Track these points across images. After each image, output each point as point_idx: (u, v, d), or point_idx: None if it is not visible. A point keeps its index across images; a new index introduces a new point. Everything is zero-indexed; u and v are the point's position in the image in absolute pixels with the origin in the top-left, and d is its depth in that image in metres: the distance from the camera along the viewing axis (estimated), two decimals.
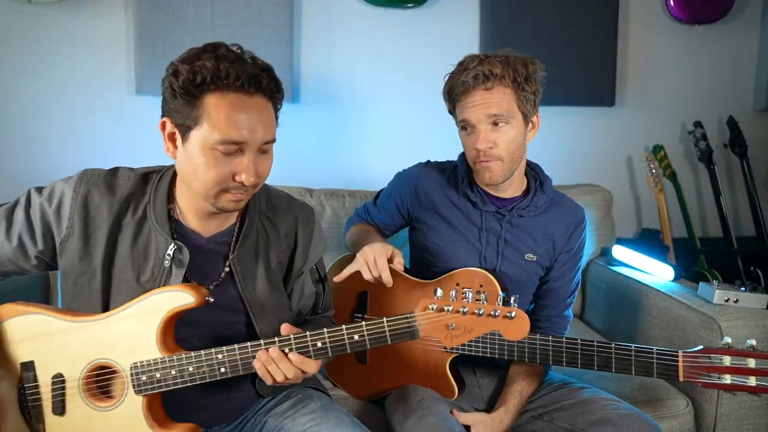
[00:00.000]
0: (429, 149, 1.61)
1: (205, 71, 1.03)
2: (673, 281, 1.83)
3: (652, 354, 1.21)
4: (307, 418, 1.18)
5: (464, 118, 1.35)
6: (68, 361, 1.12)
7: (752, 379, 1.13)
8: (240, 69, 1.03)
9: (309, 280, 1.32)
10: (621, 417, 1.25)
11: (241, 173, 1.06)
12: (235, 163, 1.06)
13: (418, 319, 1.09)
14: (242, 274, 1.19)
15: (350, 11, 2.33)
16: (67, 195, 1.15)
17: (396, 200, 1.55)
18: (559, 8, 2.36)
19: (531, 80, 1.33)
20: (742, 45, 2.55)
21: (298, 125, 2.34)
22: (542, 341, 1.30)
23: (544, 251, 1.45)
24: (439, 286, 1.40)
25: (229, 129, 1.03)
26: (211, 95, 1.03)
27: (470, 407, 1.42)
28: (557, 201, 1.48)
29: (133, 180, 1.18)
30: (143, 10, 2.15)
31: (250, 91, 1.04)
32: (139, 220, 1.16)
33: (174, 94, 1.05)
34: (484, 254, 1.43)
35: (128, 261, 1.14)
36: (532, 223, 1.44)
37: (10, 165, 2.22)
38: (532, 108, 1.36)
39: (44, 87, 2.20)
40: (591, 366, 1.26)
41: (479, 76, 1.30)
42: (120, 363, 1.11)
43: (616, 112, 2.51)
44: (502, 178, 1.37)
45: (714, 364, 1.16)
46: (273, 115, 1.10)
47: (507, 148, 1.34)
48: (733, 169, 2.64)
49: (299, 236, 1.27)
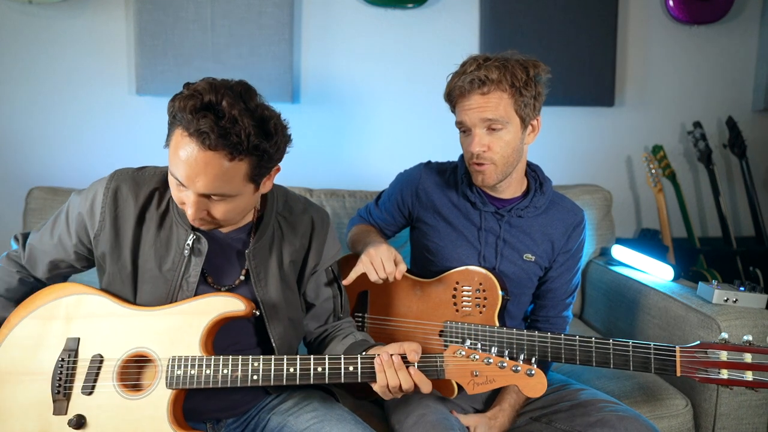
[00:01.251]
0: (429, 149, 1.62)
1: (178, 108, 1.04)
2: (673, 281, 1.83)
3: (649, 349, 1.22)
4: (310, 416, 1.20)
5: (461, 120, 1.37)
6: (111, 344, 1.17)
7: (749, 374, 1.14)
8: (198, 120, 1.01)
9: (324, 280, 1.34)
10: (619, 419, 1.25)
11: (186, 208, 1.10)
12: (183, 195, 1.10)
13: (446, 361, 1.14)
14: (256, 270, 1.23)
15: (350, 11, 2.33)
16: (99, 191, 1.22)
17: (397, 200, 1.56)
18: (559, 8, 2.36)
19: (531, 84, 1.32)
20: (741, 45, 2.56)
21: (298, 125, 2.32)
22: (541, 338, 1.31)
23: (543, 251, 1.46)
24: (439, 284, 1.43)
25: (173, 165, 1.08)
26: (179, 128, 1.05)
27: (469, 407, 1.42)
28: (557, 202, 1.49)
29: (158, 176, 1.24)
30: (143, 10, 2.15)
31: (204, 144, 1.02)
32: (162, 213, 1.22)
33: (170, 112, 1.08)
34: (483, 254, 1.44)
35: (152, 251, 1.21)
36: (531, 224, 1.45)
37: (10, 165, 2.22)
38: (531, 112, 1.35)
39: (44, 87, 2.21)
40: (590, 362, 1.27)
41: (475, 81, 1.31)
42: (159, 354, 1.15)
43: (616, 112, 2.51)
44: (495, 181, 1.39)
45: (711, 359, 1.17)
46: (234, 171, 1.06)
47: (501, 152, 1.34)
48: (732, 169, 2.64)
49: (314, 237, 1.30)
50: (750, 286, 1.60)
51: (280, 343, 1.24)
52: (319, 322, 1.36)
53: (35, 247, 1.27)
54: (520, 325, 1.51)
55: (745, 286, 1.60)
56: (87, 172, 2.22)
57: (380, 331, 1.48)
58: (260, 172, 1.11)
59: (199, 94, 1.03)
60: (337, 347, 1.28)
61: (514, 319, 1.49)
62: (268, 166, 1.12)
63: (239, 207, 1.13)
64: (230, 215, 1.13)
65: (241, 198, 1.12)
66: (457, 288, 1.41)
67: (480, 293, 1.38)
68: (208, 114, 1.01)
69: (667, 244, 2.41)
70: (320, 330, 1.36)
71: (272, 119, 1.08)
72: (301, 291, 1.32)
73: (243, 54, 2.20)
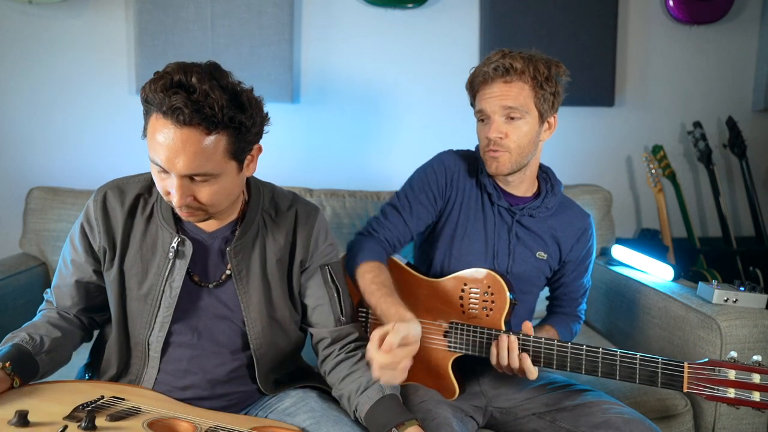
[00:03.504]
0: (429, 149, 1.61)
1: (149, 90, 1.03)
2: (673, 281, 1.83)
3: (657, 363, 1.20)
4: (307, 416, 1.19)
5: (481, 108, 1.39)
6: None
7: (756, 394, 1.13)
8: (170, 98, 1.00)
9: (319, 280, 1.29)
10: (624, 422, 1.25)
11: (171, 198, 1.09)
12: (167, 183, 1.09)
13: None
14: (238, 267, 1.22)
15: (350, 11, 2.33)
16: (90, 205, 1.23)
17: (432, 192, 1.47)
18: (559, 8, 2.36)
19: (552, 81, 1.36)
20: (741, 45, 2.56)
21: (298, 125, 2.35)
22: (547, 346, 1.29)
23: (553, 252, 1.49)
24: (447, 284, 1.41)
25: (152, 151, 1.06)
26: (154, 113, 1.05)
27: (470, 407, 1.42)
28: (566, 205, 1.52)
29: (142, 182, 1.25)
30: (143, 10, 2.15)
31: (179, 121, 1.01)
32: (147, 217, 1.22)
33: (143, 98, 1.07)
34: (496, 248, 1.45)
35: (138, 256, 1.21)
36: (541, 225, 1.47)
37: (10, 165, 2.22)
38: (549, 108, 1.39)
39: (44, 87, 2.21)
40: (595, 372, 1.25)
41: (499, 68, 1.34)
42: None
43: (616, 112, 2.51)
44: (509, 170, 1.39)
45: (719, 377, 1.15)
46: (214, 147, 1.05)
47: (517, 141, 1.36)
48: (732, 169, 2.64)
49: (298, 230, 1.27)
50: (750, 286, 1.60)
51: (258, 343, 1.23)
52: (322, 326, 1.30)
53: (58, 285, 1.27)
54: None
55: (745, 286, 1.60)
56: (87, 172, 2.23)
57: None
58: (240, 147, 1.09)
59: (169, 75, 1.02)
60: (360, 400, 1.17)
61: (521, 318, 1.49)
62: (248, 140, 1.10)
63: (225, 189, 1.11)
64: (217, 198, 1.11)
65: (225, 178, 1.10)
66: (464, 289, 1.40)
67: (488, 296, 1.37)
68: (179, 91, 1.01)
69: (667, 244, 2.41)
70: (326, 343, 1.29)
71: (245, 93, 1.08)
72: (293, 290, 1.28)
73: (243, 54, 2.20)
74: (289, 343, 1.31)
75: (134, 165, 1.28)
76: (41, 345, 1.17)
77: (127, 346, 1.23)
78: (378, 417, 1.14)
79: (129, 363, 1.24)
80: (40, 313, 1.29)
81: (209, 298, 1.23)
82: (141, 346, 1.22)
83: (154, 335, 1.21)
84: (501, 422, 1.43)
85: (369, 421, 1.15)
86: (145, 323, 1.21)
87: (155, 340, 1.21)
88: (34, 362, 1.15)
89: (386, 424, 1.12)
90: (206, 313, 1.23)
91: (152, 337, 1.21)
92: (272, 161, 1.64)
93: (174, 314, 1.20)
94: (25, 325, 1.23)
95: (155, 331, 1.21)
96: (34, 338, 1.18)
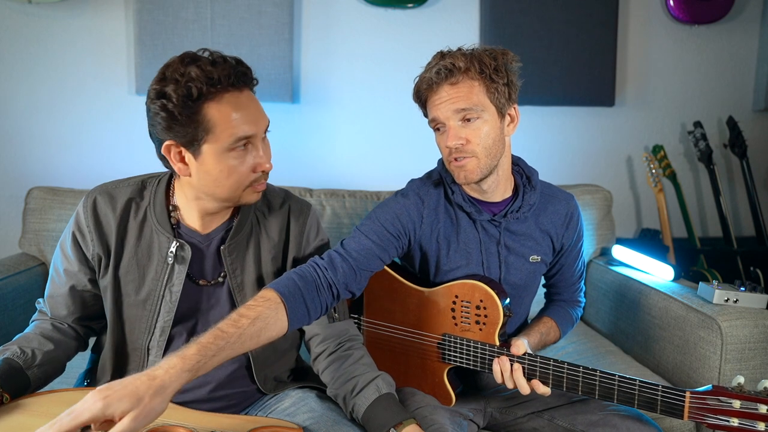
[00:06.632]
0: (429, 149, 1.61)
1: (198, 82, 1.05)
2: (673, 281, 1.82)
3: (657, 390, 1.14)
4: (307, 416, 1.18)
5: (433, 116, 1.29)
6: None
7: (761, 425, 1.07)
8: (225, 70, 1.08)
9: None
10: (621, 419, 1.25)
11: (262, 164, 1.14)
12: (250, 157, 1.13)
13: None
14: (232, 266, 1.22)
15: (350, 11, 2.33)
16: (81, 213, 1.21)
17: (394, 232, 1.34)
18: (559, 8, 2.36)
19: (501, 71, 1.26)
20: (742, 45, 2.56)
21: (298, 125, 2.35)
22: (543, 365, 1.23)
23: (546, 248, 1.43)
24: (438, 295, 1.37)
25: (237, 128, 1.09)
26: (209, 103, 1.07)
27: (470, 410, 1.41)
28: (547, 194, 1.43)
29: (132, 186, 1.23)
30: (143, 10, 2.15)
31: (239, 86, 1.10)
32: (140, 222, 1.20)
33: (172, 115, 1.06)
34: (486, 265, 1.38)
35: (133, 261, 1.20)
36: (529, 224, 1.40)
37: (10, 165, 2.22)
38: (506, 101, 1.28)
39: (44, 87, 2.21)
40: (592, 394, 1.19)
41: (442, 70, 1.25)
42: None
43: (616, 112, 2.51)
44: (479, 176, 1.29)
45: (722, 407, 1.09)
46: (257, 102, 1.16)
47: (482, 144, 1.26)
48: (732, 169, 2.64)
49: (291, 227, 1.28)
50: (750, 286, 1.60)
51: None
52: (316, 325, 1.30)
53: (51, 294, 1.25)
54: (522, 326, 1.51)
55: (745, 286, 1.60)
56: (87, 172, 2.23)
57: (376, 335, 1.47)
58: None
59: (192, 58, 1.10)
60: (356, 401, 1.18)
61: (519, 318, 1.48)
62: None
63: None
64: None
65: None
66: (456, 302, 1.34)
67: (480, 310, 1.31)
68: (214, 63, 1.09)
69: (668, 244, 2.41)
70: (318, 340, 1.29)
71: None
72: None
73: (243, 54, 2.16)
74: (285, 340, 1.30)
75: (134, 165, 1.28)
76: (33, 359, 1.14)
77: (123, 353, 1.22)
78: (376, 417, 1.14)
79: (125, 369, 1.22)
80: (32, 324, 1.26)
81: (207, 301, 1.23)
82: (139, 352, 1.21)
83: (154, 340, 1.20)
84: (501, 422, 1.42)
85: (367, 421, 1.15)
86: (144, 329, 1.20)
87: (156, 345, 1.20)
88: (24, 377, 1.12)
89: (384, 424, 1.12)
90: (204, 316, 1.23)
91: (152, 342, 1.20)
92: (272, 161, 1.63)
93: (174, 318, 1.20)
94: (17, 337, 1.20)
95: (156, 336, 1.20)
96: (26, 352, 1.15)
